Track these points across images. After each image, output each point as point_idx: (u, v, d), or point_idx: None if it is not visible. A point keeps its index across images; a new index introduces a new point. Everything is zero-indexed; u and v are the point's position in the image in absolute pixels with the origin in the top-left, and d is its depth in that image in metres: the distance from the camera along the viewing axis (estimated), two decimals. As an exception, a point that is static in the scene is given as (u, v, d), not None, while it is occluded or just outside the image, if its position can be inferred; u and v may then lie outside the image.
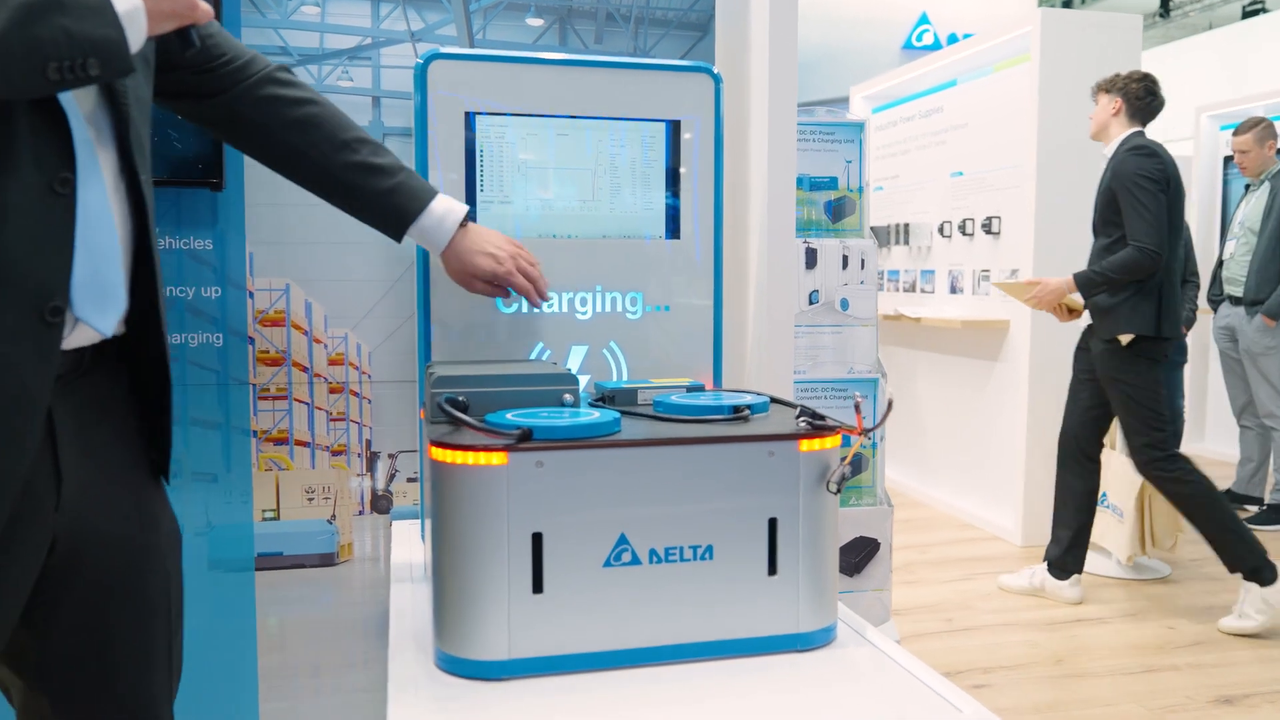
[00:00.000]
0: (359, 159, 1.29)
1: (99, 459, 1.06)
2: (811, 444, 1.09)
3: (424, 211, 1.31)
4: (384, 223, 1.33)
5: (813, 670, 1.07)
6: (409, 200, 1.31)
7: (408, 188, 1.31)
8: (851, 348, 2.06)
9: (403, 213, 1.31)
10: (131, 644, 1.10)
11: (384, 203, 1.31)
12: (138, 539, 1.10)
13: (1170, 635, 3.28)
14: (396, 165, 1.32)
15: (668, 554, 1.05)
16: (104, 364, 1.07)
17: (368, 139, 1.31)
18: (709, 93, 1.57)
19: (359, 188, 1.30)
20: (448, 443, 1.02)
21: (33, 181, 0.93)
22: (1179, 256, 3.45)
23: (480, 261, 1.34)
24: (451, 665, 1.04)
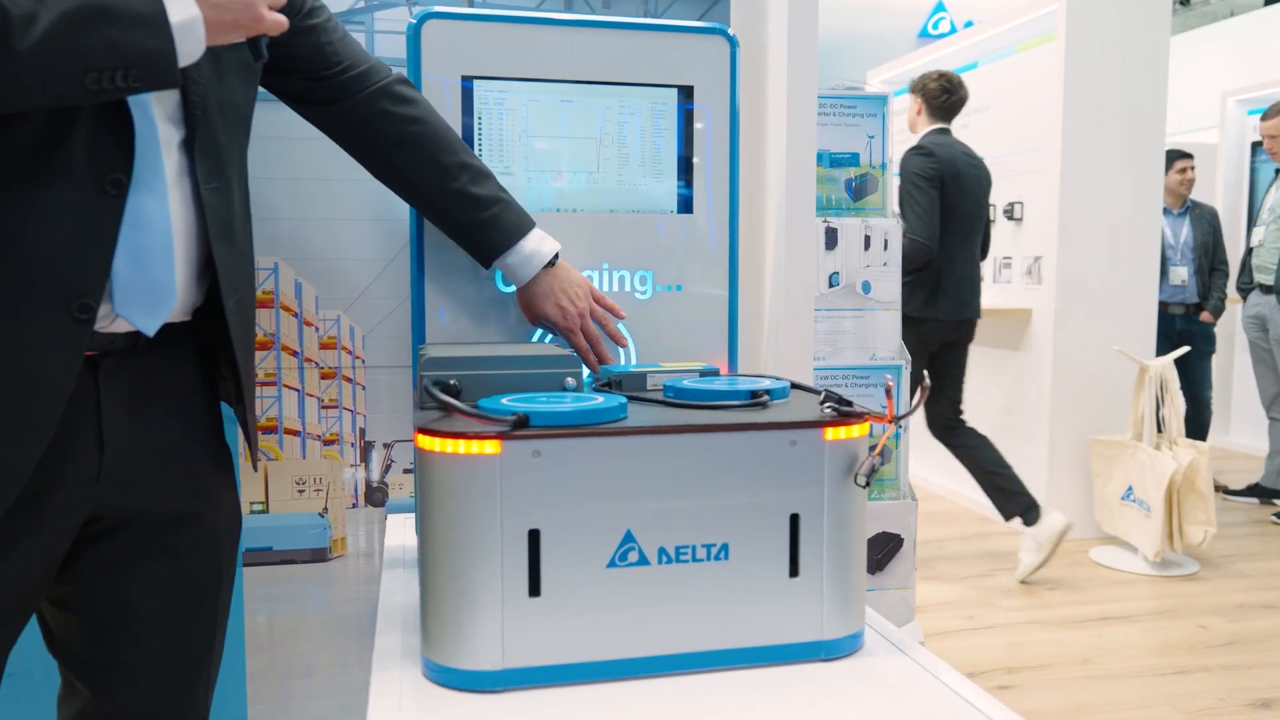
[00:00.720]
0: (457, 186, 1.28)
1: (152, 435, 1.07)
2: (837, 432, 0.99)
3: (512, 249, 1.30)
4: (474, 251, 1.33)
5: (838, 682, 0.97)
6: (499, 235, 1.30)
7: (501, 222, 1.30)
8: (874, 333, 1.95)
9: (492, 246, 1.31)
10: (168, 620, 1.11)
11: (476, 234, 1.31)
12: (187, 518, 1.11)
13: (1201, 635, 3.16)
14: (492, 196, 1.30)
15: (678, 553, 0.95)
16: (170, 345, 1.07)
17: (470, 164, 1.30)
18: (724, 56, 1.46)
19: (454, 215, 1.30)
20: (435, 429, 0.92)
21: (85, 181, 0.95)
22: (965, 247, 3.65)
23: (548, 309, 1.33)
24: (440, 675, 0.94)
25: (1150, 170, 4.27)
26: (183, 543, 1.12)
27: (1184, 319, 4.91)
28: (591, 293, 1.36)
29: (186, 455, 1.13)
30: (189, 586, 1.13)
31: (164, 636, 1.11)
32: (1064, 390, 4.27)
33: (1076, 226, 4.22)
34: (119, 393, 1.04)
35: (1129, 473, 3.87)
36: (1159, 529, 3.67)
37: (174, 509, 1.11)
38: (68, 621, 1.10)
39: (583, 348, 1.34)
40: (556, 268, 1.33)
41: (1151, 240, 4.33)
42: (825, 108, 1.99)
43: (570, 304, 1.32)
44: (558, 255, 1.33)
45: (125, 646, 1.10)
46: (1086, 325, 4.26)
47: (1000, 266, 4.69)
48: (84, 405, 1.01)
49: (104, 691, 1.11)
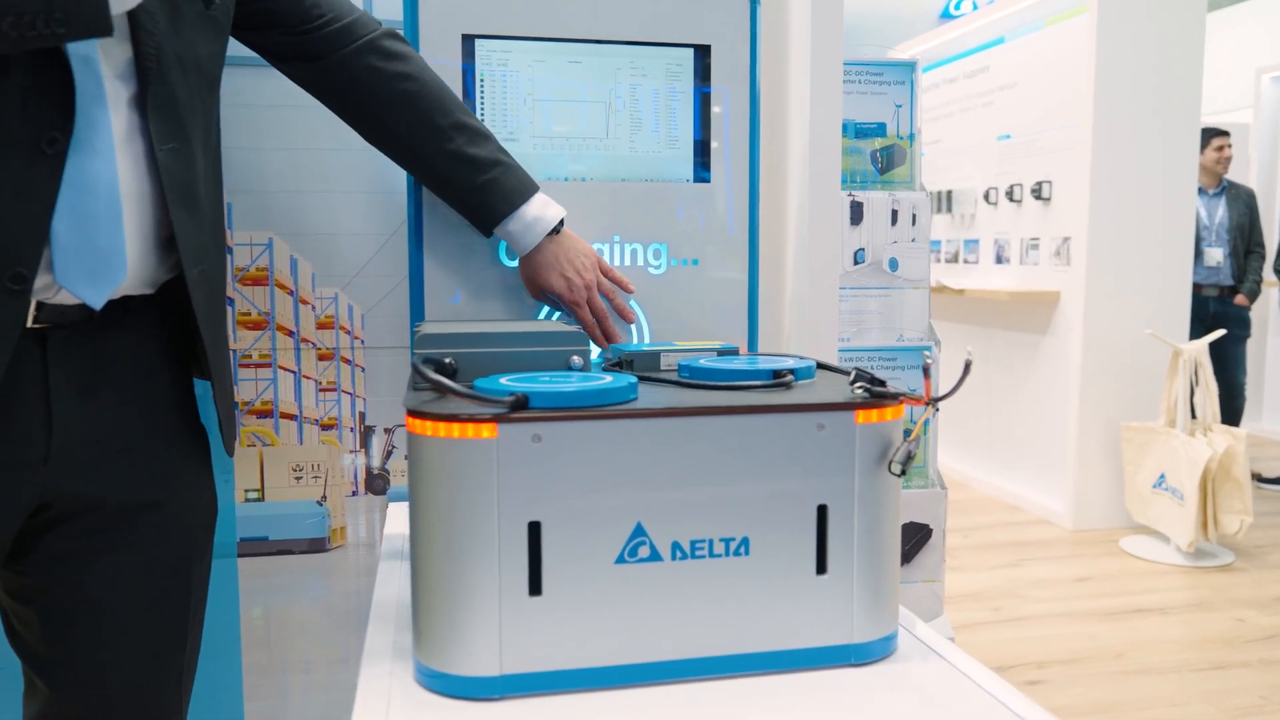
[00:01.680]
0: (452, 148, 1.19)
1: (108, 417, 1.00)
2: (870, 415, 0.89)
3: (513, 215, 1.21)
4: (472, 217, 1.25)
5: (870, 690, 0.87)
6: (499, 200, 1.21)
7: (500, 186, 1.21)
8: (901, 312, 1.85)
9: (491, 212, 1.22)
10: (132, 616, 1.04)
11: (474, 199, 1.22)
12: (150, 507, 1.04)
13: (1239, 628, 3.05)
14: (492, 158, 1.21)
15: (694, 548, 0.86)
16: (131, 320, 1.00)
17: (467, 124, 1.21)
18: (743, 14, 1.36)
19: (450, 179, 1.22)
20: (426, 412, 0.83)
21: (18, 139, 0.87)
22: None
23: (552, 280, 1.24)
24: (432, 681, 0.85)
25: (1185, 147, 4.13)
26: (146, 534, 1.04)
27: (1218, 302, 4.77)
28: (599, 264, 1.27)
29: (149, 439, 1.04)
30: (154, 580, 1.05)
31: (128, 633, 1.04)
32: (1093, 375, 4.14)
33: (1107, 206, 4.08)
34: (70, 371, 0.96)
35: (1161, 460, 3.75)
36: (1193, 518, 3.56)
37: (135, 497, 1.03)
38: (26, 615, 1.03)
39: (589, 323, 1.26)
40: (562, 236, 1.24)
41: (1185, 220, 4.19)
42: (850, 75, 1.89)
43: (576, 275, 1.23)
44: (563, 222, 1.24)
45: (85, 643, 1.02)
46: (1117, 308, 4.13)
47: (1027, 247, 4.56)
48: (29, 383, 0.93)
49: (64, 690, 1.03)
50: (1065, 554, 3.84)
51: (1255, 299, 4.83)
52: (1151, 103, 4.07)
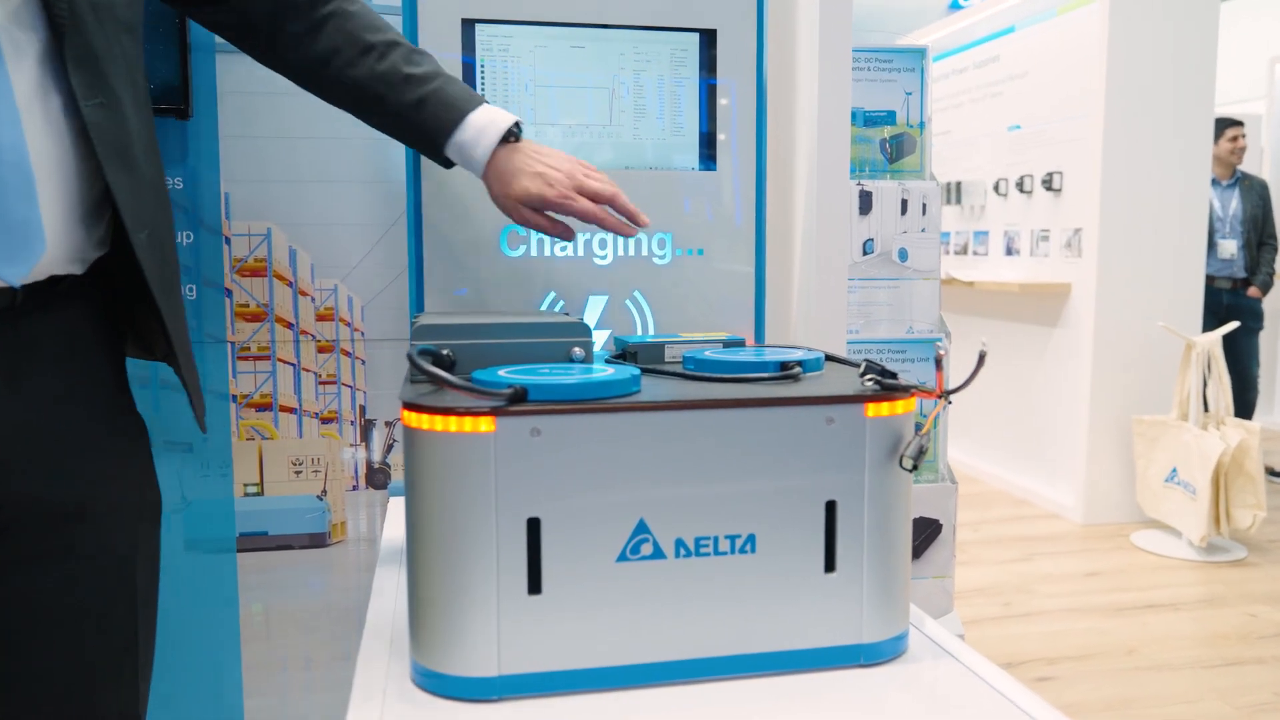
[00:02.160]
0: (385, 66, 1.08)
1: (37, 412, 0.91)
2: (880, 408, 0.86)
3: (461, 124, 1.09)
4: (420, 142, 1.13)
5: (880, 691, 0.85)
6: (444, 109, 1.09)
7: (443, 96, 1.09)
8: (911, 304, 1.82)
9: (437, 126, 1.09)
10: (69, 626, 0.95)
11: (415, 117, 1.09)
12: (86, 508, 0.95)
13: (1252, 624, 3.01)
14: (432, 72, 1.11)
15: (698, 546, 0.84)
16: (61, 302, 0.92)
17: (401, 41, 1.11)
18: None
19: (386, 100, 1.09)
20: (422, 405, 0.81)
21: None
22: None
23: (524, 184, 1.09)
24: (429, 682, 0.83)
25: (1198, 137, 4.08)
26: (84, 536, 0.94)
27: (1231, 294, 4.72)
28: (580, 167, 1.13)
29: (84, 434, 0.95)
30: (96, 585, 0.96)
31: (70, 642, 0.95)
32: (1104, 368, 4.10)
33: (1119, 197, 4.03)
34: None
35: (1173, 454, 3.71)
36: (1205, 512, 3.52)
37: (71, 498, 0.94)
38: None
39: (593, 212, 1.10)
40: (520, 144, 1.11)
41: (1198, 211, 4.14)
42: (859, 62, 1.85)
43: (551, 168, 1.09)
44: (520, 128, 1.12)
45: (17, 655, 0.93)
46: (1129, 300, 4.09)
47: (1038, 239, 4.52)
48: None
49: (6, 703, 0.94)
50: (1075, 549, 3.81)
51: (1268, 291, 4.78)
52: (1164, 92, 4.02)
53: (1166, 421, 3.78)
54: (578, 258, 1.30)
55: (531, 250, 1.28)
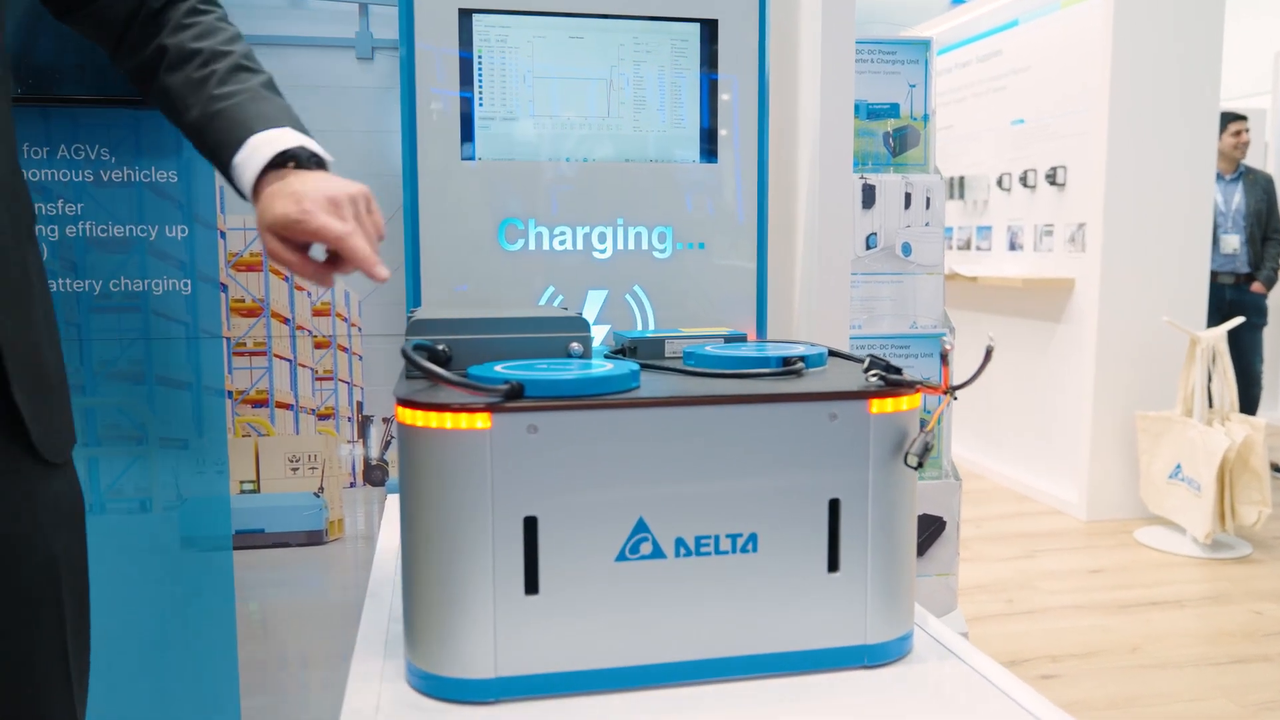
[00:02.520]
0: (200, 74, 0.97)
1: None
2: (885, 404, 0.85)
3: (243, 143, 0.93)
4: (213, 161, 0.97)
5: (884, 693, 0.83)
6: (232, 127, 0.94)
7: (237, 112, 0.94)
8: (914, 299, 1.80)
9: (221, 142, 0.94)
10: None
11: (208, 129, 0.95)
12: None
13: (1258, 621, 2.99)
14: (246, 88, 0.96)
15: (699, 545, 0.82)
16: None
17: (232, 53, 0.99)
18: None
19: (190, 110, 0.96)
20: (417, 401, 0.79)
21: None
22: None
23: (275, 206, 0.89)
24: (425, 684, 0.81)
25: (1203, 131, 4.05)
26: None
27: (1234, 289, 4.69)
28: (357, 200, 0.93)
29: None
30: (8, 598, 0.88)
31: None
32: (1108, 363, 4.08)
33: (1123, 191, 4.01)
34: None
35: (1178, 450, 3.69)
36: (1210, 509, 3.50)
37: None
38: None
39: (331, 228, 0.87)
40: (308, 172, 0.93)
41: (1203, 206, 4.11)
42: (862, 54, 1.83)
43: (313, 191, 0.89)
44: (317, 160, 0.95)
45: None
46: (1133, 295, 4.06)
47: (1041, 234, 4.49)
48: None
49: None
50: (1079, 545, 3.79)
51: (1273, 286, 4.75)
52: (1169, 86, 3.99)
53: (1171, 417, 3.76)
54: (577, 251, 1.28)
55: (530, 244, 1.27)
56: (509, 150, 1.25)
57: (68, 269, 1.40)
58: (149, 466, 1.44)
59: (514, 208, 1.26)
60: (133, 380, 1.44)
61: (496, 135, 1.26)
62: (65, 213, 1.39)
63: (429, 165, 1.24)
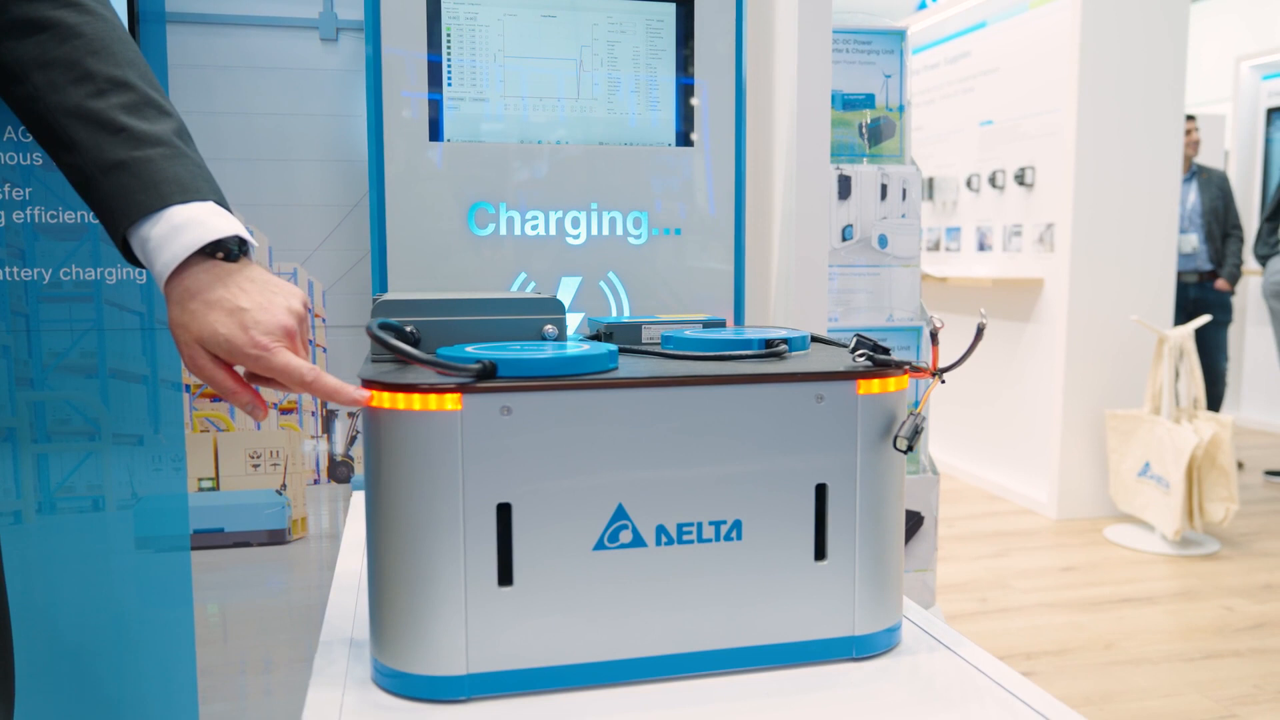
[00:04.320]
0: (98, 105, 0.81)
1: None
2: (872, 385, 0.82)
3: (158, 214, 0.79)
4: (100, 215, 0.82)
5: (874, 685, 0.80)
6: (142, 189, 0.79)
7: (151, 170, 0.80)
8: (891, 291, 1.78)
9: (123, 203, 0.79)
10: None
11: (103, 181, 0.80)
12: None
13: (1228, 617, 3.01)
14: (161, 137, 0.82)
15: (681, 533, 0.78)
16: None
17: (137, 87, 0.84)
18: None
19: (79, 148, 0.81)
20: (383, 382, 0.75)
21: None
22: None
23: (213, 321, 0.78)
24: (391, 682, 0.77)
25: (1168, 132, 4.09)
26: None
27: (1198, 288, 4.74)
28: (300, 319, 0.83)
29: None
30: None
31: None
32: (1077, 362, 4.10)
33: (1091, 192, 4.04)
34: None
35: (1146, 448, 3.72)
36: (1179, 506, 3.52)
37: None
38: None
39: (294, 369, 0.79)
40: (242, 266, 0.82)
41: (1169, 206, 4.15)
42: (838, 44, 1.81)
43: (260, 308, 0.79)
44: (246, 249, 0.83)
45: None
46: (1101, 294, 4.09)
47: (1010, 234, 4.52)
48: None
49: None
50: (1049, 544, 3.80)
51: (1236, 282, 4.81)
52: (1135, 87, 4.03)
53: (1139, 416, 3.78)
54: (550, 237, 1.24)
55: (501, 229, 1.23)
56: (478, 132, 1.21)
57: (15, 256, 1.34)
58: (102, 463, 1.38)
59: (484, 192, 1.22)
60: (85, 373, 1.37)
61: (465, 116, 1.21)
62: (12, 197, 1.33)
63: (396, 146, 1.20)
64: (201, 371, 0.80)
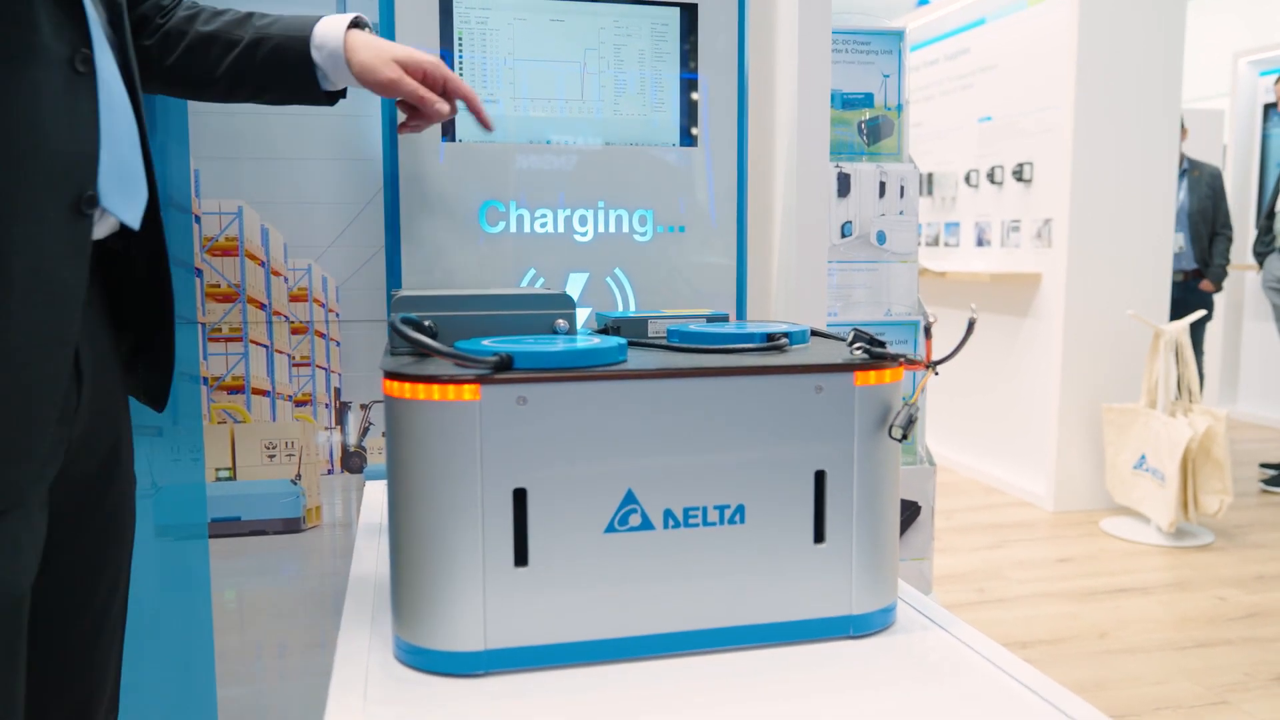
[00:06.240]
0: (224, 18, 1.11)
1: (104, 370, 0.97)
2: (869, 377, 0.86)
3: (313, 29, 1.10)
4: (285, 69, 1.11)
5: (870, 662, 0.84)
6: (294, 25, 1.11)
7: (287, 21, 1.11)
8: (889, 287, 1.82)
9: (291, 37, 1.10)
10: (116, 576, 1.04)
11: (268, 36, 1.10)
12: (119, 463, 1.03)
13: (1221, 607, 3.05)
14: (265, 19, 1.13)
15: (687, 516, 0.82)
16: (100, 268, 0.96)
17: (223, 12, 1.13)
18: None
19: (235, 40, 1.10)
20: (405, 374, 0.79)
21: (57, 59, 0.83)
22: None
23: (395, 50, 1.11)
24: (413, 657, 0.81)
25: (1165, 128, 4.13)
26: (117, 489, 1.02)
27: (1181, 287, 4.76)
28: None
29: (117, 394, 1.02)
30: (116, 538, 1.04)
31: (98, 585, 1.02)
32: (1074, 357, 4.14)
33: (1089, 187, 4.07)
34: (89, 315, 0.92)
35: (1142, 441, 3.76)
36: (1174, 498, 3.56)
37: (110, 451, 1.01)
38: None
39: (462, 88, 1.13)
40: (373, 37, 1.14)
41: (1166, 202, 4.19)
42: (837, 44, 1.85)
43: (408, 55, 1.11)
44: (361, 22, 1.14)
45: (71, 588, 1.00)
46: (1098, 289, 4.13)
47: (1008, 229, 4.55)
48: None
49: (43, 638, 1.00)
50: (1046, 535, 3.85)
51: (1221, 283, 4.84)
52: (1133, 84, 4.06)
53: (1135, 409, 3.82)
54: (558, 234, 1.28)
55: (511, 227, 1.27)
56: (490, 133, 1.25)
57: (39, 253, 1.38)
58: (122, 454, 1.42)
59: (495, 190, 1.26)
60: (106, 366, 1.41)
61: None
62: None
63: (409, 147, 1.23)
64: (401, 84, 1.09)
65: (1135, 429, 3.81)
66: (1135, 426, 3.81)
